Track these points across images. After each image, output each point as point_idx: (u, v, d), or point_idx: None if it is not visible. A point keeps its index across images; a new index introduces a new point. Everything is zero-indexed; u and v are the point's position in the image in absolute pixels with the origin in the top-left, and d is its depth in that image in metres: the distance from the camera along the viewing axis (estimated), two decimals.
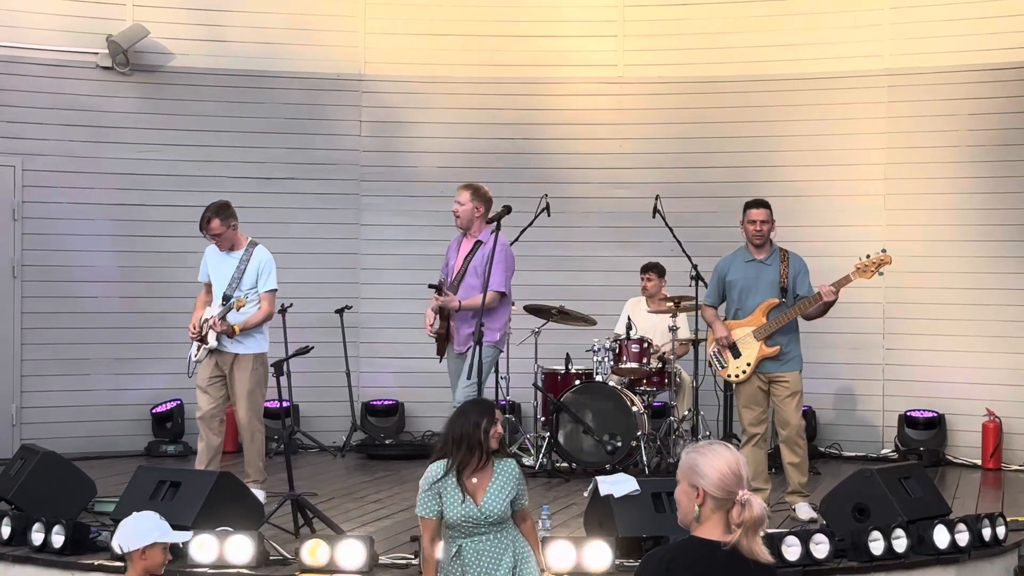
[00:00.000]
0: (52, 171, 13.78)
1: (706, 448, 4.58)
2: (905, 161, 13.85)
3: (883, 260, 10.37)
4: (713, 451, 4.57)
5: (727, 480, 4.51)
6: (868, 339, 13.88)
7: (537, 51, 14.62)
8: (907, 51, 13.84)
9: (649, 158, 14.42)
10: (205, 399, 10.67)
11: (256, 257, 10.72)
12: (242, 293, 10.53)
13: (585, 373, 12.70)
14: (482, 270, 10.33)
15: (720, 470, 4.52)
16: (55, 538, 8.67)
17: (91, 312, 13.88)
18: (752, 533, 4.46)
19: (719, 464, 4.53)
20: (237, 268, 10.66)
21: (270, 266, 10.74)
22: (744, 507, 4.46)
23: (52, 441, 11.53)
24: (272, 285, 10.70)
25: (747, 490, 4.50)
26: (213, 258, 10.84)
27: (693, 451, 4.61)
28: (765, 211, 10.51)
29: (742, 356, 10.44)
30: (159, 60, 14.21)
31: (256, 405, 10.66)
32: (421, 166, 14.72)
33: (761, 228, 10.49)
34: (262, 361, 10.66)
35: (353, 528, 9.55)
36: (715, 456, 4.55)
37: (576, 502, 10.63)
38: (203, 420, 10.67)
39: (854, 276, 10.34)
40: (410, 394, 14.41)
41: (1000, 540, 9.08)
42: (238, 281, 10.62)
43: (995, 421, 13.12)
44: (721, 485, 4.51)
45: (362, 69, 14.69)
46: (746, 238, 10.61)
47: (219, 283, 10.71)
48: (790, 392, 10.37)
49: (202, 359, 10.66)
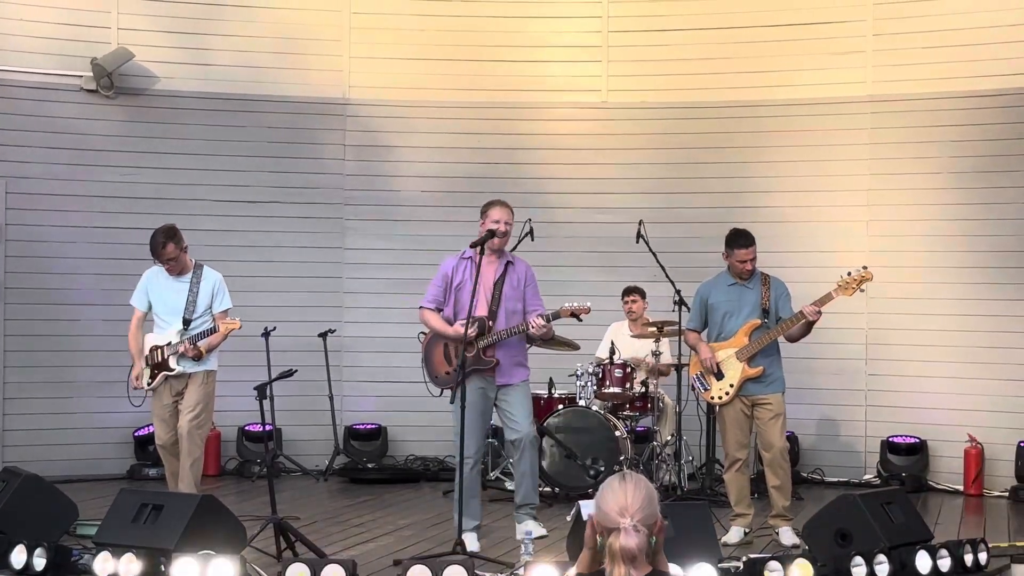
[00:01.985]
0: (36, 193, 13.77)
1: (610, 480, 4.59)
2: (888, 187, 13.89)
3: (864, 277, 10.36)
4: (609, 484, 4.57)
5: (610, 510, 4.50)
6: (851, 364, 13.90)
7: (521, 76, 14.65)
8: (890, 78, 13.89)
9: (633, 183, 14.44)
10: (163, 428, 10.73)
11: (207, 279, 10.77)
12: (201, 317, 10.60)
13: (568, 397, 12.71)
14: (520, 294, 9.99)
15: (606, 502, 4.52)
16: (36, 561, 8.62)
17: (74, 335, 13.87)
18: (613, 563, 4.44)
19: (607, 495, 4.53)
20: (190, 291, 10.68)
21: (223, 286, 10.80)
22: (618, 536, 4.46)
23: (34, 464, 11.50)
24: (227, 304, 10.76)
25: (632, 520, 4.46)
26: (158, 283, 10.83)
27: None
28: (753, 249, 10.54)
29: (725, 377, 10.46)
30: (144, 83, 14.22)
31: (200, 418, 10.65)
32: (405, 190, 14.73)
33: (750, 267, 10.54)
34: (213, 378, 10.77)
35: (336, 552, 9.53)
36: (607, 488, 4.56)
37: (559, 526, 10.63)
38: (164, 448, 10.73)
39: (836, 294, 10.31)
40: (393, 418, 14.40)
41: (982, 566, 9.07)
42: (193, 305, 10.65)
43: (977, 447, 13.14)
44: (604, 516, 4.51)
45: (346, 93, 14.71)
46: (731, 271, 10.64)
47: (170, 308, 10.74)
48: (773, 414, 10.37)
49: (157, 387, 10.70)
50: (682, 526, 8.38)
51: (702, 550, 8.39)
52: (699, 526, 8.66)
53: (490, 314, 9.93)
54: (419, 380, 10.64)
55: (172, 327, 10.69)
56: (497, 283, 9.98)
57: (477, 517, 10.00)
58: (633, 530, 4.44)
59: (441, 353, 10.14)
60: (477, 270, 9.80)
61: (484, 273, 9.92)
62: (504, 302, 9.96)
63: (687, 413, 12.52)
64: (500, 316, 9.95)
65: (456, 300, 10.03)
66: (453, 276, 10.05)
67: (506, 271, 10.02)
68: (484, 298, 9.96)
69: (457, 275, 10.04)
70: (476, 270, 9.80)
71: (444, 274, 10.10)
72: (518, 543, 9.69)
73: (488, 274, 9.98)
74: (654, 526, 4.53)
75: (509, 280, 10.01)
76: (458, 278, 10.03)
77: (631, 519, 4.45)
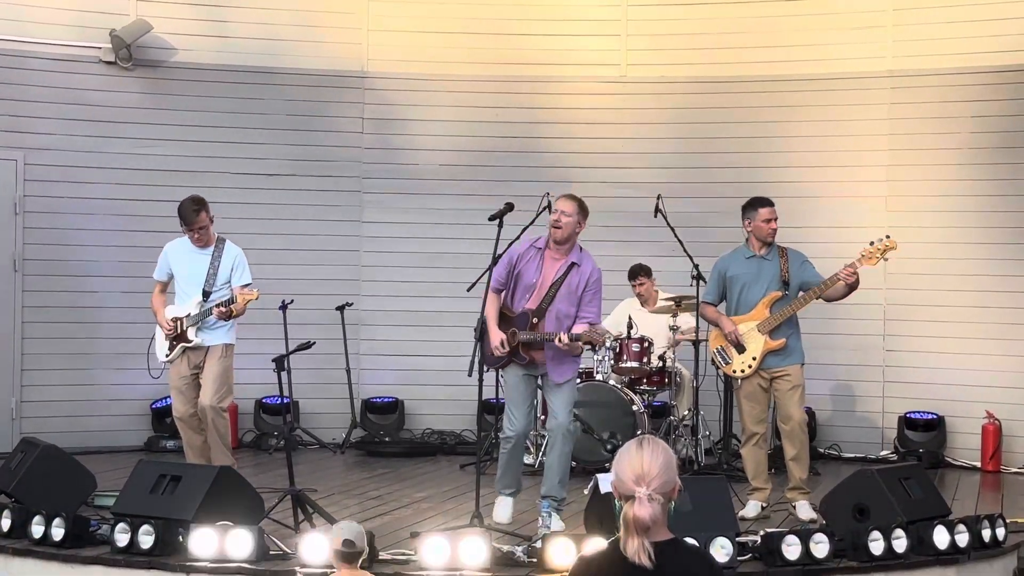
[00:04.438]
0: (54, 165, 13.78)
1: (628, 445, 4.55)
2: (907, 163, 13.85)
3: (888, 246, 10.30)
4: (626, 449, 4.54)
5: (625, 478, 4.47)
6: (868, 340, 13.88)
7: (540, 50, 14.62)
8: (910, 53, 13.84)
9: (651, 158, 14.42)
10: (181, 399, 10.73)
11: (228, 253, 10.81)
12: (221, 290, 10.64)
13: (586, 372, 12.69)
14: (577, 299, 9.53)
15: (623, 468, 4.49)
16: (55, 531, 8.65)
17: (92, 307, 13.90)
18: (628, 532, 4.41)
19: (623, 461, 4.50)
20: (211, 264, 10.71)
21: (244, 260, 10.83)
22: (632, 505, 4.43)
23: (52, 436, 11.48)
24: (247, 279, 10.77)
25: (647, 489, 4.42)
26: (181, 254, 10.87)
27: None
28: (775, 209, 10.53)
29: (747, 351, 10.41)
30: (162, 55, 14.21)
31: (221, 391, 10.67)
32: (423, 164, 14.72)
33: (775, 225, 10.49)
34: (231, 351, 10.79)
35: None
36: (624, 454, 4.52)
37: (576, 500, 10.60)
38: (181, 420, 10.74)
39: (860, 264, 10.25)
40: (410, 392, 14.41)
41: (1000, 541, 9.07)
42: (214, 277, 10.68)
43: (995, 423, 13.11)
44: (620, 483, 4.48)
45: (365, 66, 14.69)
46: (754, 237, 10.56)
47: (191, 279, 10.77)
48: (792, 386, 10.36)
49: (175, 359, 10.71)
50: (700, 500, 8.38)
51: (720, 524, 8.39)
52: (717, 500, 8.65)
53: (538, 311, 9.57)
54: (436, 354, 10.70)
55: (192, 298, 10.71)
56: (556, 283, 9.58)
57: (513, 486, 9.86)
58: (647, 499, 4.41)
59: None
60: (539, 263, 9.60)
61: (546, 268, 9.63)
62: (556, 303, 9.56)
63: (704, 388, 12.51)
64: (550, 316, 9.56)
65: (514, 287, 9.70)
66: (518, 262, 9.68)
67: (568, 272, 9.59)
68: (539, 294, 9.61)
69: (521, 262, 9.67)
70: (539, 262, 9.60)
71: (510, 258, 9.72)
72: (535, 516, 9.71)
73: (550, 271, 9.64)
74: (671, 492, 4.50)
75: (568, 282, 9.58)
76: (520, 266, 9.67)
77: (647, 487, 4.43)
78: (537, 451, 12.48)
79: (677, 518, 4.58)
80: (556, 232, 9.53)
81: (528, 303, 9.61)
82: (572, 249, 9.62)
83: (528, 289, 9.61)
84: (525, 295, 9.62)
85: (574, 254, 9.61)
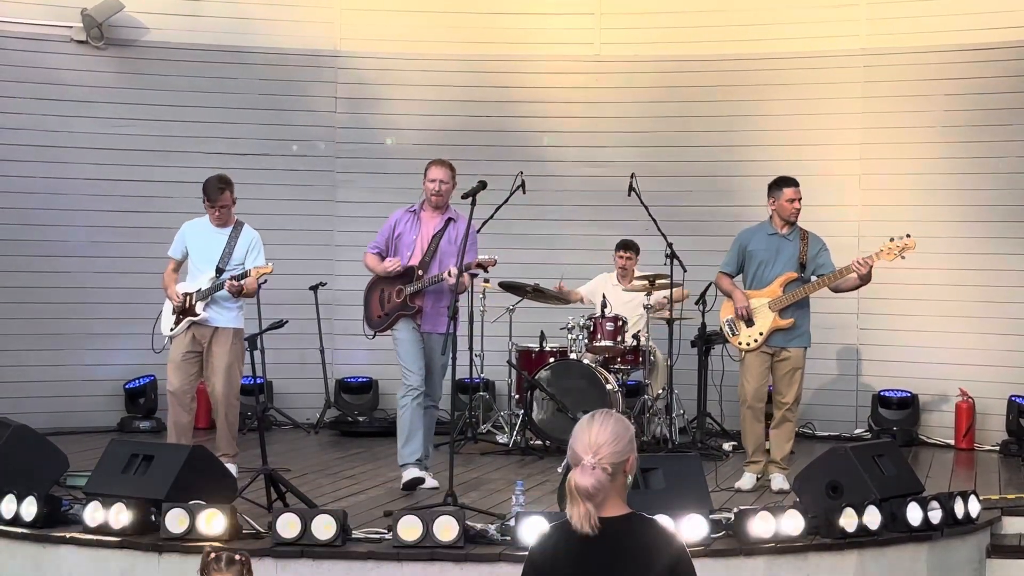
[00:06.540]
0: (26, 145, 13.71)
1: (584, 418, 4.54)
2: (881, 141, 13.86)
3: (907, 245, 10.45)
4: (581, 422, 4.53)
5: (575, 446, 4.46)
6: (842, 319, 13.87)
7: (513, 29, 14.60)
8: (884, 31, 13.85)
9: (625, 136, 14.42)
10: (178, 374, 10.63)
11: (246, 235, 10.81)
12: (238, 269, 10.59)
13: (559, 351, 12.70)
14: (457, 248, 10.12)
15: (574, 438, 4.48)
16: (27, 510, 8.62)
17: (64, 287, 13.82)
18: (572, 500, 4.40)
19: (577, 432, 4.49)
20: (227, 243, 10.68)
21: (259, 244, 10.82)
22: (575, 471, 4.42)
23: (24, 416, 11.44)
24: (262, 262, 10.70)
25: (594, 458, 4.40)
26: (198, 232, 10.83)
27: None
28: (799, 189, 10.63)
29: (755, 325, 10.54)
30: (134, 34, 14.15)
31: (233, 380, 10.66)
32: (396, 143, 14.68)
33: (799, 205, 10.59)
34: (240, 337, 10.67)
35: (326, 503, 9.51)
36: (578, 426, 4.52)
37: (550, 479, 10.64)
38: (174, 395, 10.62)
39: (877, 258, 10.38)
40: (384, 371, 14.33)
41: (973, 518, 9.10)
42: (229, 256, 10.65)
43: (968, 401, 13.15)
44: (571, 452, 4.46)
45: (337, 45, 14.65)
46: (777, 215, 10.64)
47: (207, 256, 10.72)
48: (792, 367, 10.54)
49: (178, 333, 10.65)
50: (673, 478, 8.40)
51: (693, 502, 8.40)
52: (690, 478, 8.65)
53: (422, 264, 10.36)
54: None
55: (205, 274, 10.68)
56: (435, 236, 10.39)
57: (419, 452, 10.37)
58: (591, 468, 4.39)
59: (377, 298, 10.59)
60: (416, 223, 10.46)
61: (424, 226, 10.46)
62: (439, 255, 10.36)
63: (678, 367, 12.51)
64: (433, 268, 10.34)
65: (396, 249, 10.48)
66: (395, 226, 10.52)
67: (446, 226, 10.42)
68: (420, 249, 10.41)
69: (399, 226, 10.50)
70: (416, 222, 10.47)
71: (390, 224, 10.55)
72: (509, 495, 9.70)
73: (428, 227, 10.45)
74: (624, 464, 4.47)
75: (448, 235, 10.39)
76: (399, 228, 10.50)
77: (593, 456, 4.40)
78: (511, 430, 12.49)
79: (651, 496, 4.56)
80: (437, 199, 10.38)
81: (411, 260, 10.39)
82: (447, 208, 10.48)
83: (408, 246, 10.43)
84: (406, 253, 10.41)
85: (450, 211, 10.49)
